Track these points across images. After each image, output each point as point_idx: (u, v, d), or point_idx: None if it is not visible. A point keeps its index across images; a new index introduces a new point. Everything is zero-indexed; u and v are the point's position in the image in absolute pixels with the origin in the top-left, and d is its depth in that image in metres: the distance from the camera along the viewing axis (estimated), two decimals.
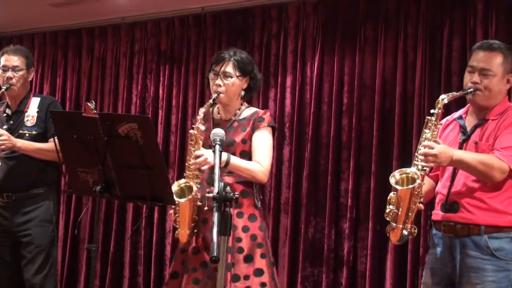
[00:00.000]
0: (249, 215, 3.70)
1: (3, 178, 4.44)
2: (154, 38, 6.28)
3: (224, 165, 3.56)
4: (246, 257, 3.61)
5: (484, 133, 3.33)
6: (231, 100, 3.80)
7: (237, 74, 3.76)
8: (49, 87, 6.82)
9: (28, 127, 4.48)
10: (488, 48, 3.36)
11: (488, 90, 3.32)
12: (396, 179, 3.26)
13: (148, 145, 3.07)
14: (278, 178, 5.50)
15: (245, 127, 3.75)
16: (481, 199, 3.27)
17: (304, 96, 5.47)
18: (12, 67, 4.51)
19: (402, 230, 3.27)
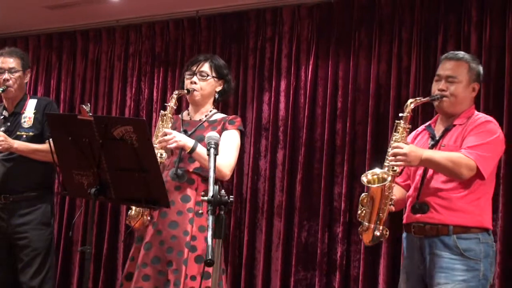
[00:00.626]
0: None
1: (0, 179, 4.41)
2: (149, 41, 6.27)
3: (190, 151, 3.59)
4: (197, 257, 3.60)
5: (452, 137, 3.42)
6: (204, 99, 3.83)
7: (213, 75, 3.81)
8: (43, 89, 6.81)
9: (25, 129, 4.45)
10: (454, 58, 3.48)
11: (454, 97, 3.42)
12: (368, 179, 3.34)
13: (143, 148, 3.05)
14: (272, 181, 5.50)
15: (215, 127, 3.76)
16: (450, 200, 3.34)
17: (298, 100, 5.47)
18: (8, 69, 4.48)
19: (374, 230, 3.33)
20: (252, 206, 5.57)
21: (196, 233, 3.63)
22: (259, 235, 5.53)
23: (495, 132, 3.37)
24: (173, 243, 3.60)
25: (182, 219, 3.63)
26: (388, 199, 3.32)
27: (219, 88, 3.86)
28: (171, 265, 3.57)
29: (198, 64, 3.83)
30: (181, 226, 3.62)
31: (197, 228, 3.64)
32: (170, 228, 3.63)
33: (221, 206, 2.69)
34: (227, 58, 5.80)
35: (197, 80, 3.79)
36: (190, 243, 3.60)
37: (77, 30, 6.69)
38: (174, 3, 5.86)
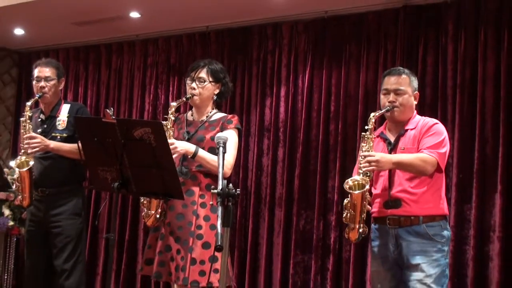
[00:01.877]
0: (211, 206, 3.67)
1: (38, 175, 4.42)
2: (165, 53, 6.27)
3: (192, 156, 3.59)
4: (204, 243, 3.59)
5: (407, 140, 3.56)
6: (204, 102, 3.81)
7: (210, 80, 3.78)
8: (72, 96, 6.80)
9: (59, 130, 4.45)
10: (397, 73, 3.64)
11: (403, 106, 3.58)
12: (349, 185, 3.45)
13: (160, 147, 3.06)
14: (273, 176, 5.50)
15: (214, 127, 3.75)
16: (417, 194, 3.48)
17: (296, 105, 5.47)
18: (45, 77, 4.49)
19: (359, 229, 3.48)
20: (256, 198, 5.57)
21: (202, 222, 3.62)
22: (262, 223, 5.53)
23: (444, 131, 3.56)
24: (179, 233, 3.61)
25: (186, 211, 3.64)
26: (366, 200, 3.46)
27: (217, 90, 3.83)
28: (180, 253, 3.58)
29: (196, 70, 3.79)
30: (186, 217, 3.63)
31: (202, 218, 3.63)
32: (177, 220, 3.63)
33: (229, 198, 2.69)
34: (234, 68, 5.81)
35: (195, 86, 3.76)
36: (196, 232, 3.59)
37: (101, 43, 6.68)
38: (187, 20, 5.86)
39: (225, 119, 3.78)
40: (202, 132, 3.74)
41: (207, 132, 3.73)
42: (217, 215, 3.57)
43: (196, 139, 3.70)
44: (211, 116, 3.83)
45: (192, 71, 3.81)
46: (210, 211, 3.66)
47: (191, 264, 3.53)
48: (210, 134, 3.72)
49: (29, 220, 4.56)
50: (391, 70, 3.73)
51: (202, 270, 3.53)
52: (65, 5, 5.59)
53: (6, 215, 6.08)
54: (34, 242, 4.53)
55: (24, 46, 7.07)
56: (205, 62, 3.84)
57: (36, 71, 4.53)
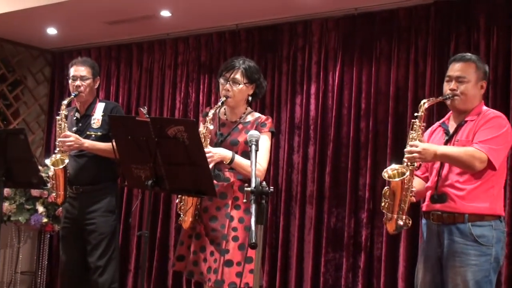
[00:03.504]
0: (245, 208, 3.65)
1: (73, 173, 4.46)
2: (195, 51, 6.30)
3: (229, 162, 3.57)
4: (240, 245, 3.58)
5: (464, 132, 3.36)
6: (238, 104, 3.75)
7: (244, 81, 3.70)
8: (104, 94, 6.86)
9: (94, 129, 4.49)
10: (462, 59, 3.42)
11: (464, 95, 3.36)
12: (389, 174, 3.29)
13: (193, 145, 3.08)
14: (304, 173, 5.50)
15: (248, 130, 3.65)
16: (465, 190, 3.28)
17: (326, 102, 5.46)
18: (80, 76, 4.51)
19: (397, 220, 3.28)
20: (287, 195, 5.57)
21: (237, 224, 3.61)
22: (293, 221, 5.53)
23: (504, 126, 3.32)
24: (213, 235, 3.61)
25: (220, 213, 3.63)
26: (409, 191, 3.26)
27: (251, 91, 3.77)
28: (213, 255, 3.58)
29: (231, 71, 3.71)
30: (219, 220, 3.62)
31: (237, 220, 3.62)
32: (211, 222, 3.63)
33: (263, 196, 2.69)
34: (264, 66, 5.80)
35: (229, 87, 3.69)
36: (230, 234, 3.58)
37: (133, 42, 6.74)
38: (217, 18, 5.88)
39: (259, 121, 3.72)
40: (236, 135, 3.69)
41: (241, 135, 3.69)
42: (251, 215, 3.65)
43: (229, 142, 3.65)
44: (245, 117, 3.77)
45: (227, 72, 3.72)
46: (244, 212, 3.65)
47: (226, 266, 3.53)
48: (244, 137, 3.67)
49: (64, 217, 4.61)
50: (457, 55, 3.49)
51: (239, 272, 3.53)
52: (97, 4, 5.65)
53: (40, 212, 6.17)
54: (68, 239, 4.57)
55: (57, 46, 7.16)
56: (240, 62, 3.73)
57: (72, 70, 4.56)
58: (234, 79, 3.70)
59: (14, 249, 6.64)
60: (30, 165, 3.92)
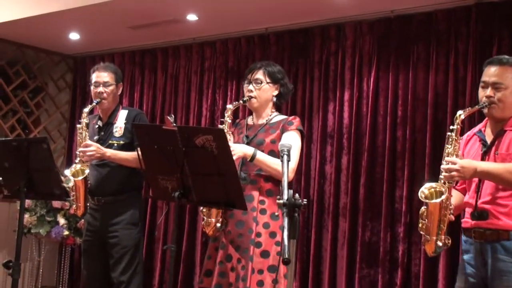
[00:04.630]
0: (271, 213, 3.68)
1: (94, 183, 4.49)
2: (223, 56, 6.32)
3: (250, 159, 3.59)
4: (263, 252, 3.59)
5: (504, 143, 3.25)
6: (262, 105, 3.82)
7: (267, 81, 3.79)
8: (127, 101, 6.93)
9: (116, 138, 4.51)
10: (498, 63, 3.27)
11: (502, 102, 3.23)
12: (425, 194, 3.20)
13: (222, 154, 3.08)
14: (337, 184, 5.48)
15: (275, 130, 3.76)
16: (508, 206, 3.19)
17: (361, 109, 5.45)
18: (103, 82, 4.54)
19: (436, 241, 3.21)
20: (319, 207, 5.56)
21: (261, 229, 3.63)
22: (325, 234, 5.51)
23: None
24: (240, 241, 3.62)
25: (246, 218, 3.65)
26: (447, 209, 3.19)
27: (275, 92, 3.84)
28: (240, 262, 3.59)
29: (252, 72, 3.81)
30: (246, 224, 3.64)
31: (262, 225, 3.64)
32: (237, 227, 3.65)
33: (295, 208, 2.69)
34: (295, 71, 5.82)
35: (252, 88, 3.78)
36: (255, 240, 3.60)
37: (157, 47, 6.79)
38: (246, 22, 5.90)
39: (285, 120, 3.79)
40: (262, 135, 3.76)
41: (267, 135, 3.75)
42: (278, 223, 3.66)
43: (255, 142, 3.72)
44: (271, 119, 3.85)
45: (249, 73, 3.84)
46: (270, 218, 3.68)
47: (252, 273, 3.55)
48: (270, 137, 3.75)
49: (86, 229, 4.64)
50: (492, 58, 3.34)
51: (260, 280, 3.54)
52: (121, 9, 5.71)
53: (61, 224, 6.23)
54: (91, 252, 4.60)
55: (79, 51, 7.25)
56: (262, 63, 3.87)
57: (94, 76, 4.59)
58: (256, 79, 3.80)
59: (34, 262, 6.72)
60: (52, 175, 3.96)
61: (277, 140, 3.74)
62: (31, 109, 7.41)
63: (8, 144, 4.09)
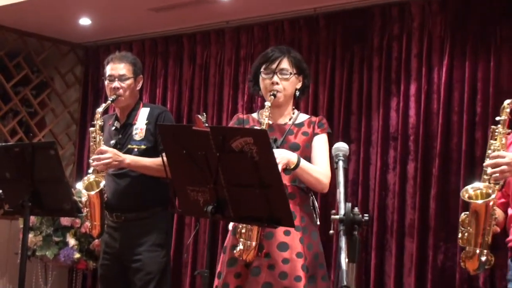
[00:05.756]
0: (312, 231, 3.69)
1: (112, 197, 4.50)
2: (262, 43, 6.33)
3: (294, 167, 3.60)
4: (310, 278, 3.59)
5: None
6: (287, 100, 3.83)
7: (294, 72, 3.79)
8: (148, 98, 6.97)
9: (136, 141, 4.51)
10: None
11: None
12: (469, 194, 3.21)
13: (264, 161, 3.05)
14: (402, 197, 5.44)
15: (306, 132, 3.77)
16: None
17: (430, 106, 5.41)
18: (119, 76, 4.55)
19: (480, 256, 3.20)
20: (380, 225, 5.53)
21: (306, 252, 3.63)
22: (388, 258, 5.48)
23: None
24: (286, 267, 3.59)
25: (291, 239, 3.62)
26: (492, 218, 3.17)
27: (299, 84, 3.85)
28: None
29: (277, 61, 3.78)
30: (293, 247, 3.62)
31: (306, 246, 3.64)
32: (280, 250, 3.62)
33: (355, 225, 2.66)
34: (349, 60, 5.81)
35: (278, 79, 3.76)
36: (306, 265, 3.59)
37: (183, 33, 6.83)
38: (290, 1, 5.90)
39: (314, 122, 3.82)
40: (293, 138, 3.76)
41: (300, 139, 3.77)
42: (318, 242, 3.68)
43: (289, 146, 3.72)
44: (295, 117, 3.86)
45: (271, 62, 3.80)
46: (311, 237, 3.69)
47: None
48: (304, 140, 3.76)
49: (104, 252, 4.65)
50: None
51: None
52: None
53: (71, 246, 6.28)
54: (109, 279, 4.60)
55: (91, 39, 7.33)
56: (283, 50, 3.84)
57: (108, 68, 4.61)
58: (282, 70, 3.77)
59: None
60: (62, 187, 3.98)
61: (310, 144, 3.78)
62: (34, 109, 7.50)
63: (9, 151, 4.12)
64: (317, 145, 3.75)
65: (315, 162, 3.72)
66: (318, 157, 3.72)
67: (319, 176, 3.66)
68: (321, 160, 3.71)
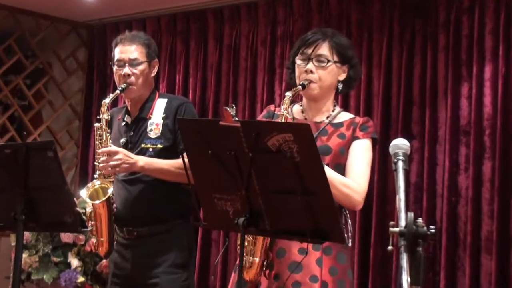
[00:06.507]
0: (337, 252, 3.68)
1: (122, 208, 4.51)
2: (302, 19, 6.35)
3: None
4: None
5: None
6: (325, 93, 3.81)
7: (335, 59, 3.76)
8: (165, 87, 7.01)
9: (151, 140, 4.52)
10: None
11: None
12: None
13: (307, 162, 3.06)
14: (477, 204, 5.43)
15: (343, 134, 3.74)
16: None
17: (509, 92, 5.39)
18: (129, 60, 4.55)
19: None
20: (450, 239, 5.51)
21: (327, 277, 3.63)
22: (461, 279, 5.46)
23: None
24: None
25: (306, 259, 3.61)
26: None
27: (342, 76, 3.82)
28: None
29: (314, 45, 3.76)
30: (307, 269, 3.63)
31: (327, 270, 3.64)
32: (292, 271, 3.62)
33: (419, 240, 2.65)
34: (410, 38, 5.82)
35: (313, 67, 3.74)
36: None
37: (208, 8, 6.88)
38: None
39: (356, 123, 3.78)
40: (326, 140, 3.74)
41: (334, 141, 3.74)
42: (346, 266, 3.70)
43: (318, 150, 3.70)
44: (335, 115, 3.84)
45: (307, 46, 3.79)
46: (337, 259, 3.69)
47: None
48: (338, 144, 3.74)
49: (113, 274, 4.67)
50: None
51: None
52: None
53: (74, 267, 6.31)
54: None
55: (96, 17, 7.38)
56: (325, 32, 3.82)
57: (117, 51, 4.62)
58: (319, 56, 3.75)
59: None
60: (62, 196, 4.00)
61: (346, 150, 3.75)
62: (29, 102, 7.56)
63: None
64: (355, 152, 3.72)
65: (349, 173, 3.70)
66: (354, 166, 3.69)
67: (348, 191, 3.61)
68: (357, 171, 3.68)
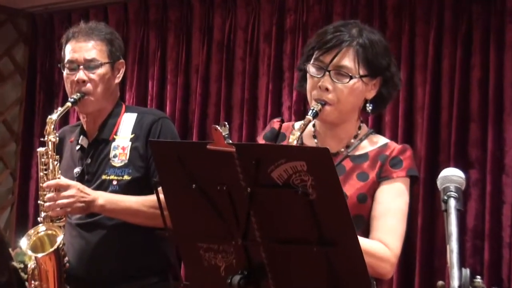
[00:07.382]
0: None
1: (77, 263, 4.53)
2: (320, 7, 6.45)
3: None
4: None
5: None
6: (343, 117, 3.74)
7: (361, 73, 3.66)
8: (134, 97, 7.03)
9: (116, 169, 4.54)
10: None
11: None
12: None
13: (326, 200, 3.06)
14: None
15: (366, 174, 3.71)
16: None
17: None
18: (85, 62, 4.57)
19: None
20: None
21: None
22: None
23: None
24: None
25: None
26: None
27: (372, 93, 3.74)
28: None
29: (335, 52, 3.66)
30: None
31: None
32: None
33: None
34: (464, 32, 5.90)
35: (330, 84, 3.65)
36: None
37: None
38: None
39: (386, 156, 3.72)
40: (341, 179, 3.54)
41: (351, 185, 3.72)
42: None
43: None
44: (357, 144, 3.79)
45: (325, 52, 3.70)
46: None
47: None
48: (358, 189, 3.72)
49: None
50: None
51: None
52: None
53: None
54: None
55: (40, 3, 7.40)
56: (351, 30, 3.70)
57: (69, 49, 4.64)
58: (340, 68, 3.66)
59: None
60: None
61: (369, 196, 3.71)
62: None
63: None
64: (384, 200, 3.70)
65: (375, 230, 3.68)
66: (381, 221, 3.67)
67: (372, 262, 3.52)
68: (385, 228, 3.67)
